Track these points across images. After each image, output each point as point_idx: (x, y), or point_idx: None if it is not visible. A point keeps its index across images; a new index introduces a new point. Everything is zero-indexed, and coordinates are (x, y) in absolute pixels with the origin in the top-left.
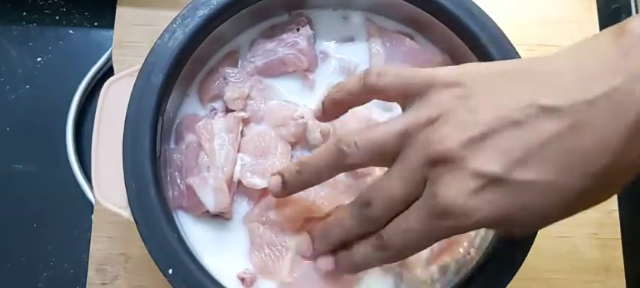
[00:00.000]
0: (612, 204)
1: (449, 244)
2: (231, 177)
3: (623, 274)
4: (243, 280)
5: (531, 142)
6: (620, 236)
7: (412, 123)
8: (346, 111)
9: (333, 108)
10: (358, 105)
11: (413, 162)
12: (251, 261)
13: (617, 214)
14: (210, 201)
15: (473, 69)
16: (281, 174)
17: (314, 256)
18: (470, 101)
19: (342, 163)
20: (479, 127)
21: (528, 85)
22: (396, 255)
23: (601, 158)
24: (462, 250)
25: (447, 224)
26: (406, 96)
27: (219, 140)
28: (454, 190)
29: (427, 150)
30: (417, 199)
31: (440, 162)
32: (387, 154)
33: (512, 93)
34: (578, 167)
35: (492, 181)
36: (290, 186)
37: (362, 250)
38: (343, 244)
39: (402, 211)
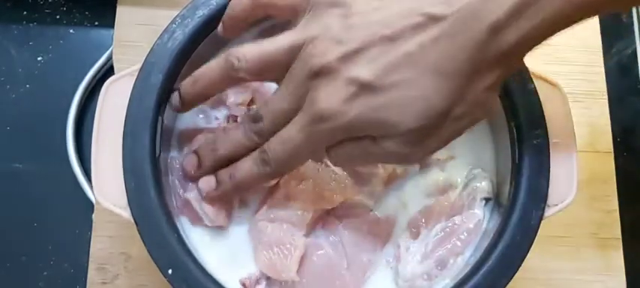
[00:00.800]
0: (612, 204)
1: (445, 237)
2: None
3: (624, 274)
4: (244, 285)
5: (399, 52)
6: (620, 236)
7: (298, 39)
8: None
9: (232, 28)
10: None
11: (297, 76)
12: (258, 261)
13: (617, 214)
14: (206, 216)
15: None
16: (178, 89)
17: (198, 176)
18: (349, 20)
19: (231, 75)
20: (354, 43)
21: (407, 1)
22: (276, 168)
23: (456, 61)
24: (459, 244)
25: (324, 127)
26: (295, 12)
27: None
28: (329, 95)
29: (308, 64)
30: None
31: (319, 74)
32: (275, 69)
33: (390, 10)
34: (437, 67)
35: (364, 87)
36: (186, 98)
37: (245, 164)
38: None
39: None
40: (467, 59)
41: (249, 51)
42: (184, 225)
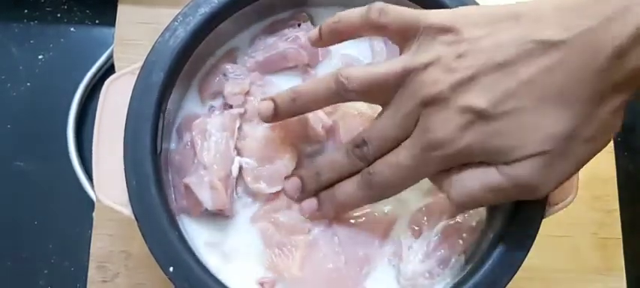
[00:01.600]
0: (613, 203)
1: (447, 236)
2: (229, 174)
3: (624, 273)
4: (261, 285)
5: (514, 79)
6: (620, 236)
7: (408, 66)
8: (342, 41)
9: (329, 36)
10: (354, 37)
11: (407, 103)
12: (261, 263)
13: (617, 214)
14: (207, 199)
15: (466, 13)
16: (273, 100)
17: (301, 199)
18: (460, 47)
19: (340, 94)
20: (466, 71)
21: (517, 27)
22: (379, 192)
23: (578, 88)
24: (461, 242)
25: (436, 154)
26: (404, 37)
27: (215, 138)
28: (443, 123)
29: (420, 92)
30: (406, 138)
31: (431, 103)
32: (383, 92)
33: (500, 36)
34: (556, 95)
35: (479, 115)
36: (282, 112)
37: (347, 187)
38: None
39: (390, 151)
40: (589, 86)
41: (359, 73)
42: (185, 223)
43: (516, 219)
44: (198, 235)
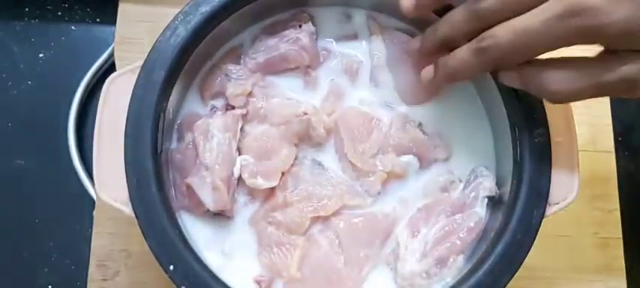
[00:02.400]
0: (613, 203)
1: (445, 235)
2: (230, 175)
3: (624, 273)
4: (258, 284)
5: None
6: (621, 235)
7: None
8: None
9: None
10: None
11: None
12: (260, 262)
13: (618, 213)
14: (209, 199)
15: None
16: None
17: (418, 53)
18: None
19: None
20: None
21: None
22: (492, 59)
23: None
24: (459, 243)
25: (574, 23)
26: None
27: (217, 139)
28: None
29: None
30: (534, 7)
31: None
32: None
33: None
34: None
35: None
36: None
37: (461, 51)
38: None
39: (512, 17)
40: None
41: None
42: (185, 221)
43: (516, 218)
44: (198, 233)
